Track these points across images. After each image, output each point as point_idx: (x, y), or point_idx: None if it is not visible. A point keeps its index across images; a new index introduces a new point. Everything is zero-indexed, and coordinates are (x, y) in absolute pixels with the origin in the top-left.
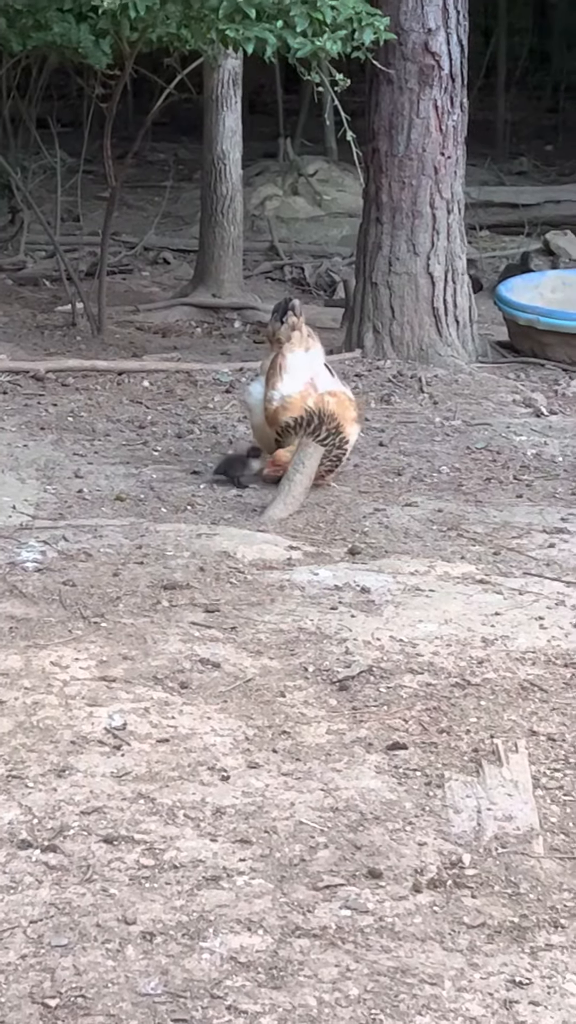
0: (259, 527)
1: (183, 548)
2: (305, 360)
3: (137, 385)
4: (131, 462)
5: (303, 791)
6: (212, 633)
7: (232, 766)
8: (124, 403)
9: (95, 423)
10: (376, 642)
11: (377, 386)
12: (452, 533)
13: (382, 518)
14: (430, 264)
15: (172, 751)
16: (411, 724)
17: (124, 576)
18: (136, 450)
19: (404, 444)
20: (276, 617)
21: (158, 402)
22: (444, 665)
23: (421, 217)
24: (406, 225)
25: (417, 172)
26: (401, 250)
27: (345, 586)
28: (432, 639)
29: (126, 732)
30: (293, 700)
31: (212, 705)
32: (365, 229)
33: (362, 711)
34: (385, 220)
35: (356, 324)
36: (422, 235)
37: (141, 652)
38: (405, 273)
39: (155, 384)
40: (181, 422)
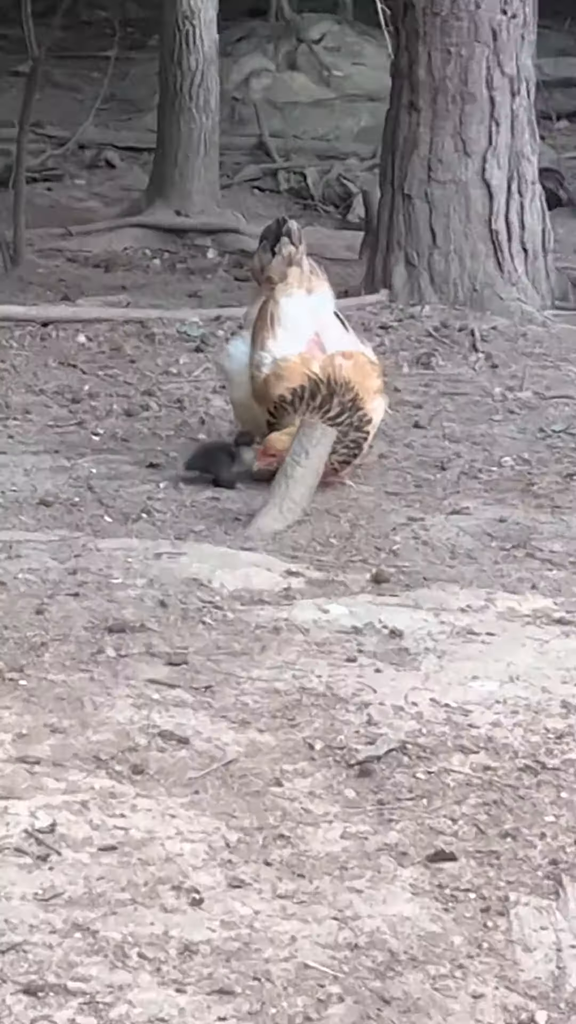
0: (244, 543)
1: (136, 574)
2: (307, 307)
3: (69, 341)
4: (61, 451)
5: (308, 920)
6: (177, 695)
7: (207, 885)
8: (50, 366)
9: (8, 395)
10: (411, 708)
11: (412, 342)
12: (519, 552)
13: (419, 531)
14: (487, 169)
15: (121, 863)
16: (462, 825)
17: (52, 614)
18: (68, 433)
19: (450, 425)
20: (269, 672)
21: (99, 365)
22: (508, 741)
23: (474, 101)
24: (453, 113)
25: (469, 37)
26: (446, 149)
27: (367, 628)
28: (491, 704)
29: (55, 836)
30: (293, 790)
31: (178, 798)
32: (394, 118)
33: (392, 806)
34: (423, 106)
35: (382, 255)
36: (475, 127)
37: (77, 722)
38: (451, 181)
39: (95, 339)
40: (132, 394)
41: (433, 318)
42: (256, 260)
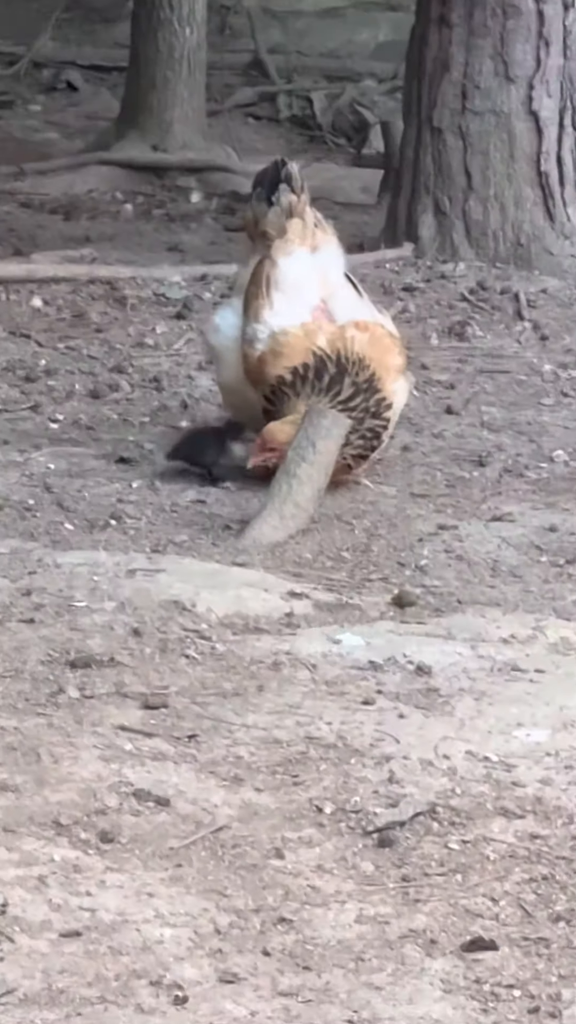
0: (237, 557)
1: (103, 595)
2: (311, 268)
3: (22, 305)
4: (11, 442)
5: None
6: (155, 745)
7: (192, 979)
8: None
9: None
10: (443, 762)
11: (442, 308)
12: (574, 569)
13: (451, 542)
14: (534, 97)
15: (87, 952)
16: (504, 906)
17: (1, 644)
18: (20, 420)
19: (490, 411)
20: (267, 718)
21: (58, 335)
22: (561, 803)
23: (519, 15)
24: (493, 29)
25: None
26: (484, 72)
27: (388, 663)
28: (540, 757)
29: (7, 919)
30: (298, 863)
31: (156, 872)
32: (421, 35)
33: (419, 883)
34: (456, 20)
35: (405, 200)
36: (520, 47)
37: (32, 778)
38: (491, 112)
39: (53, 303)
40: (98, 370)
41: (469, 278)
42: (249, 211)
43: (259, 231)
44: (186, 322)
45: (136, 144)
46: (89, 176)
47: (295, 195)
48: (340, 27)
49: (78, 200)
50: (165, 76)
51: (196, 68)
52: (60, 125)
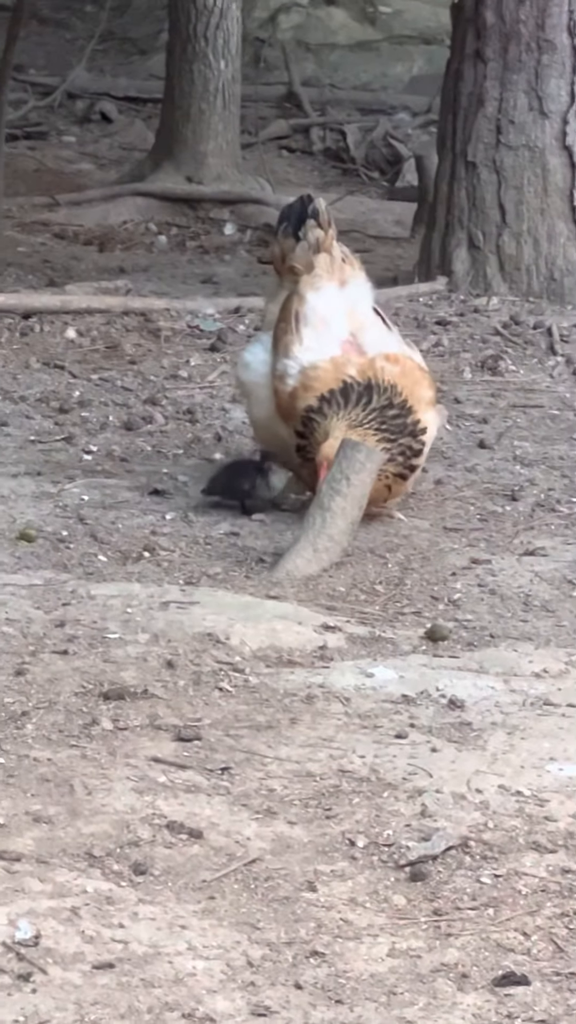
0: (270, 590)
1: (137, 627)
2: (339, 302)
3: (56, 336)
4: (45, 472)
5: None
6: (188, 778)
7: (225, 1012)
8: (33, 368)
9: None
10: (475, 796)
11: (475, 342)
12: None
13: (484, 576)
14: (568, 132)
15: (120, 984)
16: (536, 941)
17: (35, 675)
18: (54, 451)
19: (522, 445)
20: (300, 751)
21: (92, 367)
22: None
23: (553, 51)
24: (527, 64)
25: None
26: (519, 107)
27: (421, 696)
28: (572, 791)
29: (40, 950)
30: (330, 897)
31: (189, 904)
32: (456, 70)
33: (451, 917)
34: (491, 55)
35: (439, 234)
36: (555, 82)
37: (65, 810)
38: (525, 147)
39: (87, 334)
40: (132, 402)
41: (502, 312)
42: (276, 247)
43: (286, 266)
44: (220, 354)
45: (171, 176)
46: (123, 207)
47: (322, 230)
48: (374, 60)
49: (112, 231)
50: (200, 108)
51: (231, 100)
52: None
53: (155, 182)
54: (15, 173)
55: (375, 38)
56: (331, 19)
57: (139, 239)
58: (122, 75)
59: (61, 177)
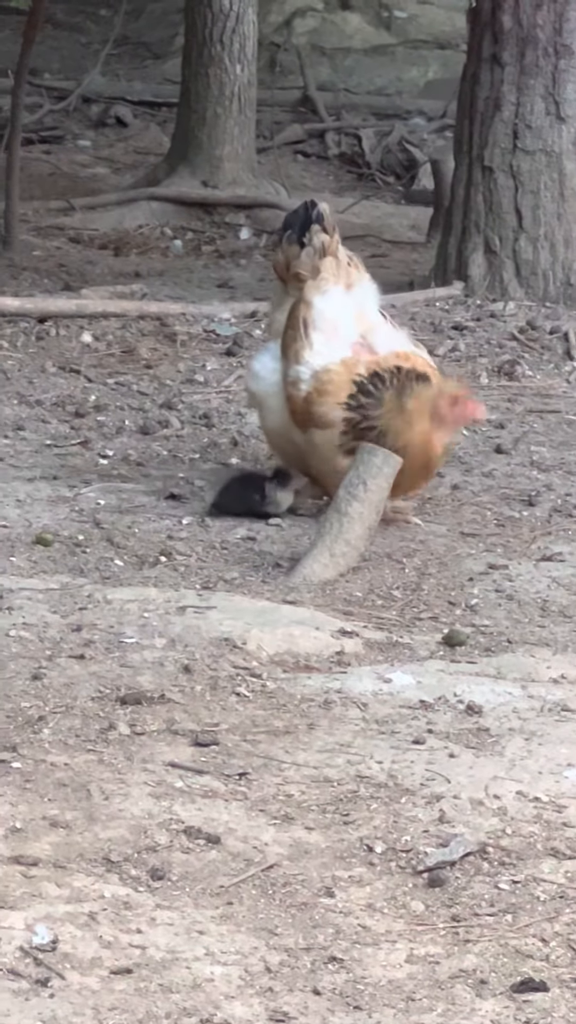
0: (287, 595)
1: (154, 632)
2: (347, 305)
3: (72, 340)
4: (61, 476)
5: None
6: (206, 783)
7: (243, 1018)
8: (49, 372)
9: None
10: (493, 802)
11: (492, 347)
12: None
13: (501, 581)
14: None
15: (137, 990)
16: (554, 947)
17: (52, 680)
18: (70, 455)
19: (539, 450)
20: (317, 756)
21: (108, 371)
22: None
23: (571, 55)
24: (544, 69)
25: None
26: (535, 112)
27: (438, 702)
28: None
29: (57, 955)
30: (348, 902)
31: (207, 909)
32: (473, 74)
33: (469, 923)
34: (508, 59)
35: (456, 238)
36: (572, 87)
37: (82, 815)
38: (542, 151)
39: (103, 339)
40: (148, 406)
41: (518, 317)
42: (280, 254)
43: (291, 273)
44: (236, 359)
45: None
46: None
47: (327, 235)
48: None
49: (127, 235)
50: (215, 112)
51: (246, 105)
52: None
53: (170, 186)
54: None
55: (390, 43)
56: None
57: (154, 243)
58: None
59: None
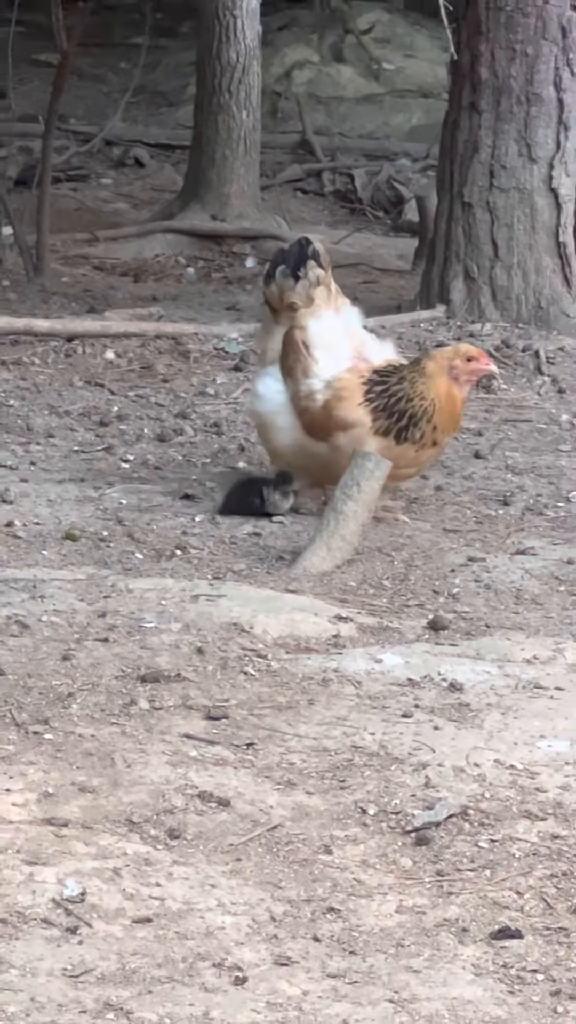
0: (289, 584)
1: (170, 617)
2: (339, 325)
3: (96, 358)
4: (87, 479)
5: (361, 1003)
6: (217, 752)
7: (251, 962)
8: (76, 386)
9: (31, 417)
10: (473, 769)
11: None
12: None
13: (480, 572)
14: (554, 176)
15: (157, 937)
16: (528, 899)
17: (79, 661)
18: (95, 460)
19: (513, 456)
20: (317, 728)
21: (128, 385)
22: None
23: (541, 103)
24: (517, 115)
25: (535, 34)
26: (510, 153)
27: (424, 680)
28: (560, 765)
29: (85, 906)
30: (344, 859)
31: (218, 865)
32: (454, 120)
33: (452, 878)
34: (485, 107)
35: (438, 266)
36: (542, 131)
37: (107, 781)
38: (515, 189)
39: (124, 356)
40: (164, 416)
41: (494, 337)
42: (273, 287)
43: (285, 304)
44: (243, 373)
45: (197, 214)
46: (155, 243)
47: (322, 269)
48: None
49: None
50: (224, 154)
51: (251, 147)
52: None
53: (184, 220)
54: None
55: (379, 92)
56: (340, 75)
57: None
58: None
59: (100, 216)
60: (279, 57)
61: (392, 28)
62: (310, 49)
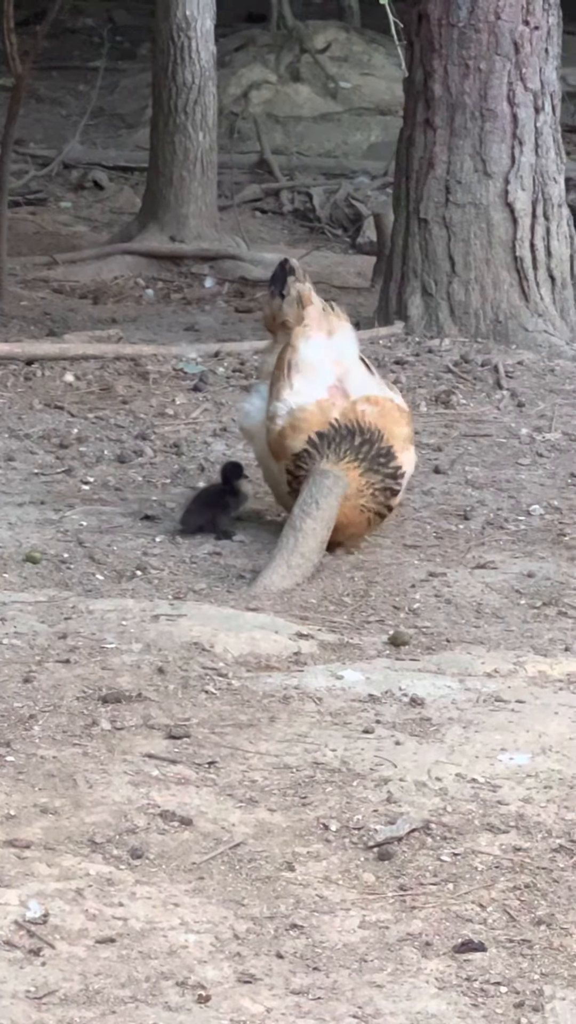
0: (250, 603)
1: (131, 638)
2: (328, 351)
3: (56, 380)
4: (47, 501)
5: (325, 1019)
6: (179, 771)
7: (214, 980)
8: (35, 408)
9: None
10: (435, 783)
11: (430, 379)
12: (550, 610)
13: (440, 587)
14: (509, 191)
15: (120, 957)
16: (491, 912)
17: (41, 682)
18: (55, 482)
19: (473, 470)
20: (278, 746)
21: (88, 407)
22: (541, 819)
23: (495, 118)
24: (472, 131)
25: (488, 50)
26: (465, 169)
27: (385, 695)
28: (521, 778)
29: (48, 928)
30: (307, 875)
31: (181, 884)
32: (409, 137)
33: (414, 892)
34: (440, 123)
35: (396, 283)
36: (496, 146)
37: (69, 802)
38: (471, 204)
39: (83, 378)
40: (124, 438)
41: (453, 352)
42: (267, 309)
43: (278, 323)
44: (202, 394)
45: (156, 236)
46: (114, 265)
47: (302, 283)
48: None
49: (105, 286)
50: (181, 175)
51: (208, 168)
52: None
53: (142, 241)
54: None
55: (336, 110)
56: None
57: (129, 293)
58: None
59: (59, 238)
60: (236, 78)
61: (349, 46)
62: (267, 69)
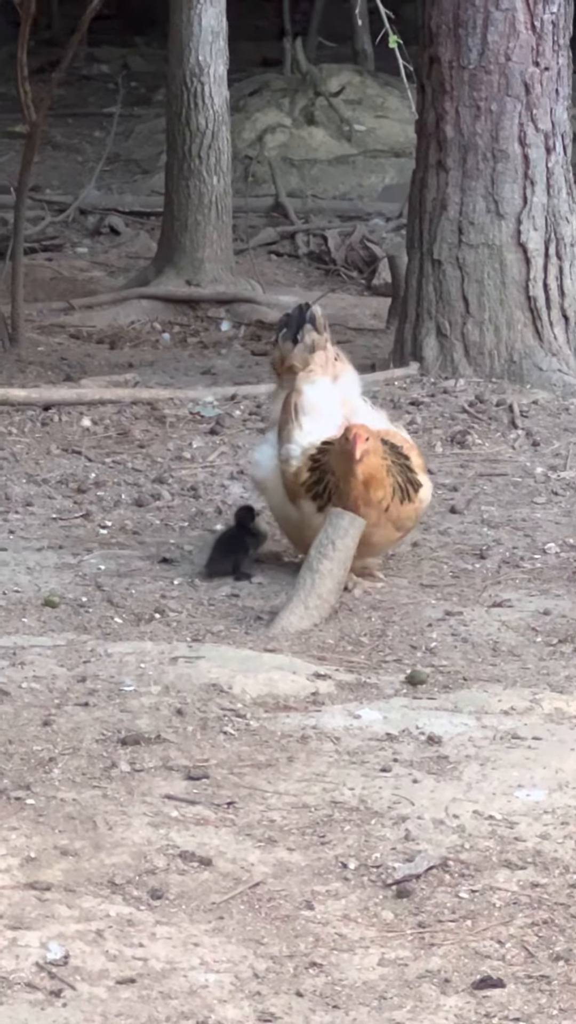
0: (267, 644)
1: (150, 680)
2: (333, 393)
3: (73, 425)
4: (66, 546)
5: None
6: (198, 812)
7: (234, 1019)
8: (53, 453)
9: (9, 486)
10: (452, 821)
11: (445, 419)
12: (566, 647)
13: (457, 626)
14: (522, 231)
15: (141, 997)
16: (510, 948)
17: (60, 725)
18: (73, 527)
19: (489, 509)
20: (296, 785)
21: (105, 451)
22: (558, 855)
23: (507, 159)
24: (484, 172)
25: (499, 91)
26: (477, 210)
27: (403, 734)
28: (539, 814)
29: (69, 969)
30: (326, 914)
31: (201, 924)
32: (421, 179)
33: (433, 929)
34: (452, 165)
35: (411, 324)
36: (509, 187)
37: (89, 843)
38: (484, 245)
39: (100, 423)
40: (142, 482)
41: (468, 392)
42: (276, 351)
43: (285, 367)
44: (219, 437)
45: (172, 280)
46: (131, 309)
47: (318, 333)
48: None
49: (121, 331)
50: (196, 220)
51: (223, 212)
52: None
53: (158, 286)
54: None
55: (351, 153)
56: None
57: (145, 337)
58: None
59: (75, 284)
60: (251, 122)
61: (363, 89)
62: (282, 113)
